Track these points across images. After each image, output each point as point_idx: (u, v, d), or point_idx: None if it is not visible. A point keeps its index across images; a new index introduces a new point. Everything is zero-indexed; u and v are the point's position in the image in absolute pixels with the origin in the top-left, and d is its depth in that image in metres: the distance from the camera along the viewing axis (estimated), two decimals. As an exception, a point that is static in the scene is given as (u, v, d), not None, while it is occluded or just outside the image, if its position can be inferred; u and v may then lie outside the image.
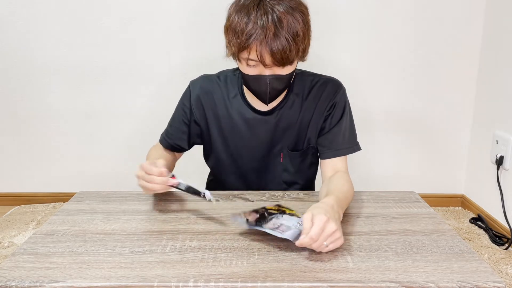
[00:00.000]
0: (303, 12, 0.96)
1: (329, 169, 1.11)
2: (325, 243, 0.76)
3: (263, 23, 0.91)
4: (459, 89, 2.06)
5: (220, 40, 2.01)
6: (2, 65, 2.04)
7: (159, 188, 0.93)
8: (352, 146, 1.14)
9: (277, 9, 0.91)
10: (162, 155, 1.16)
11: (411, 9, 1.95)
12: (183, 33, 1.98)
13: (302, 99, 1.13)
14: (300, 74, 1.14)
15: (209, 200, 0.89)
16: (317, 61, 2.03)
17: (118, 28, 1.98)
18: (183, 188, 0.93)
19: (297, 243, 0.77)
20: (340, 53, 2.00)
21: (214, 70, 1.20)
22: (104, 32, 1.98)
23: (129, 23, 1.97)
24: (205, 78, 1.17)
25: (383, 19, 1.96)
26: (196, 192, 0.91)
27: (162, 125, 1.23)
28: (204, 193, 0.89)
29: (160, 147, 1.22)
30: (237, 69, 1.17)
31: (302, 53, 0.98)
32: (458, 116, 2.10)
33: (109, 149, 2.14)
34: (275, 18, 0.91)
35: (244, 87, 1.12)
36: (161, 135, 1.23)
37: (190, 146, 1.22)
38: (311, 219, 0.78)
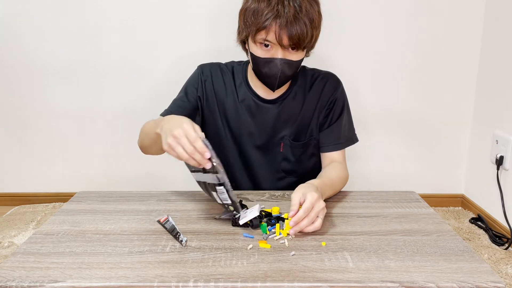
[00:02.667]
0: (317, 2, 1.02)
1: (327, 161, 1.18)
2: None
3: (284, 5, 0.95)
4: (459, 89, 2.06)
5: (220, 40, 2.01)
6: (2, 65, 2.04)
7: (199, 159, 0.80)
8: (350, 139, 1.21)
9: None
10: None
11: (411, 8, 1.95)
12: (183, 33, 1.98)
13: (305, 92, 1.17)
14: (302, 68, 1.19)
15: (181, 241, 0.82)
16: (317, 59, 2.04)
17: (118, 28, 1.98)
18: (167, 227, 0.86)
19: (290, 214, 0.82)
20: (340, 52, 2.00)
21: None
22: (104, 32, 1.98)
23: (129, 23, 1.97)
24: (213, 64, 1.21)
25: (383, 18, 1.96)
26: (176, 237, 0.83)
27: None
28: (182, 240, 0.82)
29: None
30: (241, 62, 1.21)
31: (313, 42, 1.03)
32: (458, 116, 2.10)
33: (109, 149, 2.14)
34: (296, 2, 0.96)
35: (249, 75, 1.16)
36: (167, 110, 1.14)
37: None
38: (300, 195, 0.85)
